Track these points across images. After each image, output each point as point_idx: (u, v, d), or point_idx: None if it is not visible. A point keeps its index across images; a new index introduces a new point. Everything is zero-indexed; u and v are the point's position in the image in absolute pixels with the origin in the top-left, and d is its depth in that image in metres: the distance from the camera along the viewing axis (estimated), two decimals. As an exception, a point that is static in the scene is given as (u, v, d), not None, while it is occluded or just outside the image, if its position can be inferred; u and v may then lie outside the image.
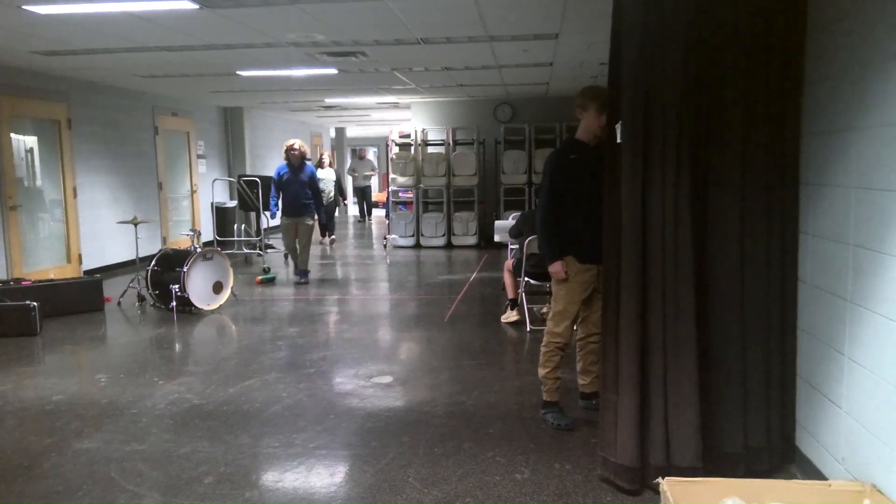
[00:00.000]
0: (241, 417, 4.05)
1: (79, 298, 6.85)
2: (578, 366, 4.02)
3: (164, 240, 10.65)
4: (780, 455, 3.26)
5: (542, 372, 3.87)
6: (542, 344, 3.86)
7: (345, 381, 4.75)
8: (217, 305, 6.93)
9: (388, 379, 4.72)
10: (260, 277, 8.64)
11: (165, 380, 4.76)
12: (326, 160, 12.67)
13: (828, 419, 2.93)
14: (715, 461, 3.10)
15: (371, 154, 28.19)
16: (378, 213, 17.99)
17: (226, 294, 7.04)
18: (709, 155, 2.91)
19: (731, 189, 2.94)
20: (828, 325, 2.91)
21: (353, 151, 17.03)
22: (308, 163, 8.50)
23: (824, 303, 2.93)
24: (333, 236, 13.14)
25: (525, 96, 12.09)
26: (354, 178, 17.02)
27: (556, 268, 3.68)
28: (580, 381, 4.05)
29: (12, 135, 7.84)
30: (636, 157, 2.83)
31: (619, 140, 2.90)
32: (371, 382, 4.66)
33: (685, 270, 2.92)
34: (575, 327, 3.89)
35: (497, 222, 8.00)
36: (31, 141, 8.35)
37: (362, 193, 17.24)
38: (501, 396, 4.37)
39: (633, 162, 2.84)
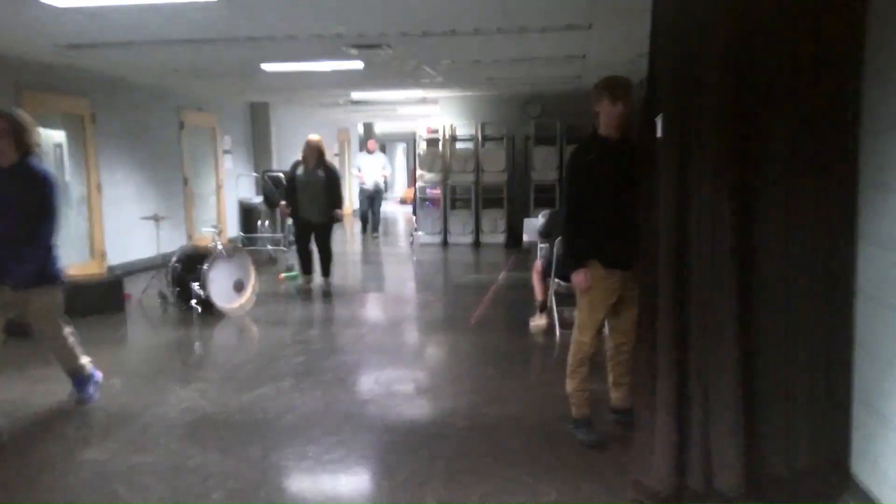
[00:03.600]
0: (254, 427, 3.88)
1: (99, 298, 6.75)
2: (609, 378, 3.75)
3: (189, 236, 10.58)
4: (832, 482, 2.97)
5: (570, 385, 3.62)
6: (570, 353, 3.62)
7: (363, 388, 4.56)
8: (238, 305, 6.78)
9: (408, 387, 4.51)
10: (283, 275, 8.50)
11: (179, 385, 4.61)
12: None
13: (889, 444, 2.65)
14: (756, 484, 2.84)
15: (401, 150, 27.71)
16: (405, 210, 17.67)
17: (247, 293, 6.90)
18: (753, 152, 2.63)
19: (778, 189, 2.65)
20: (889, 341, 2.62)
21: (368, 141, 13.85)
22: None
23: (884, 317, 2.64)
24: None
25: (556, 91, 11.76)
26: (361, 180, 13.11)
27: (578, 278, 3.44)
28: (612, 395, 3.78)
29: (40, 129, 7.79)
30: (674, 154, 2.57)
31: (659, 134, 2.64)
32: (390, 390, 4.46)
33: (728, 277, 2.65)
34: (605, 331, 3.64)
35: (527, 220, 7.73)
36: (59, 136, 8.32)
37: (370, 200, 13.09)
38: (526, 408, 4.13)
39: (671, 159, 2.57)
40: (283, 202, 7.86)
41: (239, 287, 6.83)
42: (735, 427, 2.74)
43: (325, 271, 7.86)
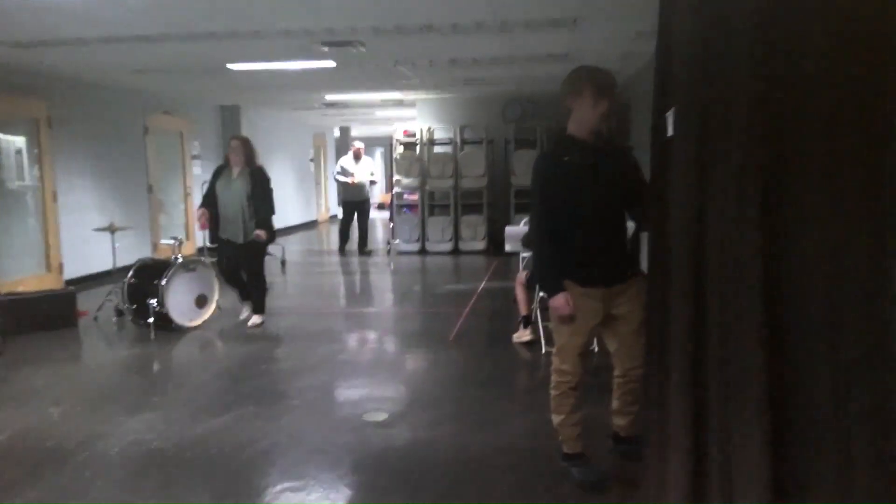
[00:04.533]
0: (207, 466, 3.42)
1: (48, 313, 6.24)
2: (615, 404, 3.29)
3: (154, 246, 10.05)
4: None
5: (556, 420, 3.19)
6: (551, 386, 3.18)
7: (333, 417, 4.11)
8: (200, 321, 6.31)
9: (382, 415, 4.07)
10: (252, 287, 8.00)
11: (127, 414, 4.13)
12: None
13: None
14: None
15: (378, 154, 27.29)
16: (382, 216, 17.18)
17: (210, 308, 6.43)
18: (785, 150, 2.25)
19: (814, 190, 2.26)
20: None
21: (355, 149, 11.57)
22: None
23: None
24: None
25: (537, 93, 11.42)
26: (346, 187, 11.31)
27: (557, 302, 2.96)
28: (615, 422, 3.33)
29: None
30: (691, 154, 2.18)
31: (670, 132, 2.25)
32: (363, 418, 4.02)
33: (752, 295, 2.26)
34: (600, 353, 3.24)
35: (508, 228, 7.30)
36: (20, 141, 7.79)
37: (356, 210, 11.31)
38: (514, 438, 3.72)
39: (687, 160, 2.18)
40: (201, 211, 6.30)
41: (202, 302, 6.35)
42: (765, 471, 2.34)
43: (257, 306, 6.41)
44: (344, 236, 11.54)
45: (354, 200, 11.33)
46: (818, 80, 2.14)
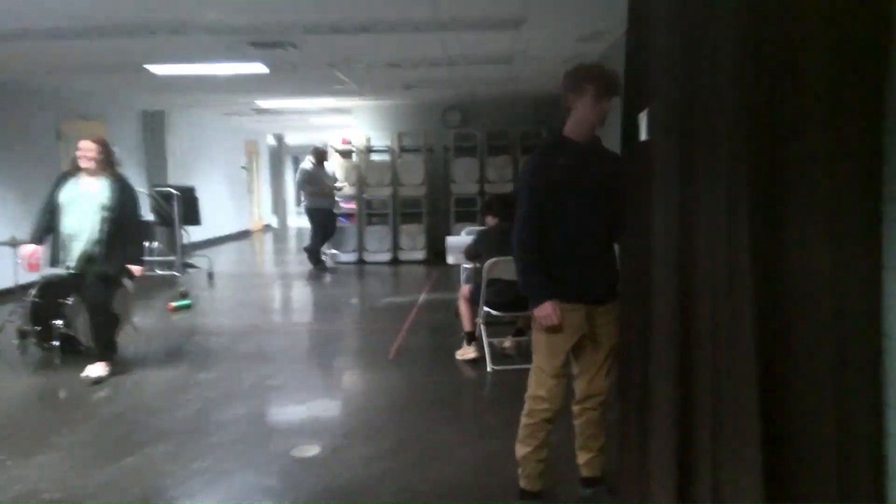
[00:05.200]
0: (108, 520, 2.95)
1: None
2: (577, 440, 2.99)
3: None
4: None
5: (520, 451, 2.87)
6: (524, 412, 2.87)
7: (257, 455, 3.66)
8: (115, 343, 5.73)
9: (314, 450, 3.66)
10: (174, 304, 7.43)
11: (19, 457, 3.59)
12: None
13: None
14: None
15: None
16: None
17: (125, 329, 5.86)
18: (775, 159, 1.98)
19: (809, 203, 2.01)
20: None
21: (317, 152, 10.26)
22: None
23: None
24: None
25: (477, 99, 11.17)
26: (317, 193, 10.10)
27: (545, 311, 2.69)
28: (578, 460, 3.01)
29: None
30: (673, 159, 1.89)
31: (643, 137, 1.95)
32: (291, 457, 3.59)
33: (743, 321, 1.98)
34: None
35: (449, 239, 6.98)
36: None
37: (325, 218, 10.17)
38: (462, 472, 3.38)
39: (669, 166, 1.89)
40: (29, 246, 4.93)
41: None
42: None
43: (102, 353, 5.01)
44: (317, 253, 10.28)
45: (325, 208, 10.19)
46: (812, 71, 1.88)
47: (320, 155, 10.29)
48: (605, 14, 5.53)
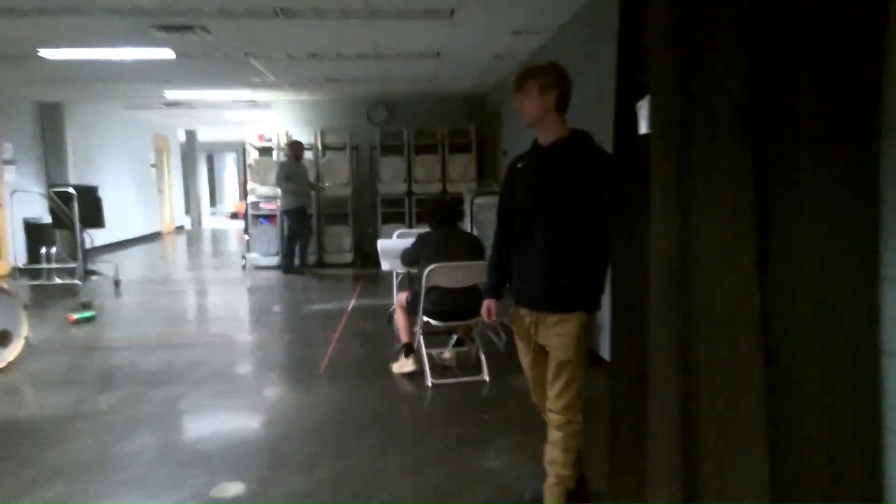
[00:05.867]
0: None
1: None
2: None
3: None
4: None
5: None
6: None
7: (170, 496, 3.17)
8: (4, 364, 5.06)
9: (236, 487, 3.19)
10: (75, 316, 6.70)
11: None
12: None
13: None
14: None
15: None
16: (237, 226, 15.79)
17: (17, 346, 5.18)
18: (775, 159, 1.71)
19: (808, 206, 1.75)
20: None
21: (294, 146, 9.57)
22: None
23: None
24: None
25: (404, 95, 10.78)
26: (296, 192, 9.33)
27: (483, 307, 2.90)
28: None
29: None
30: (673, 153, 1.58)
31: (642, 130, 1.64)
32: (210, 498, 3.13)
33: (751, 337, 1.71)
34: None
35: (381, 242, 6.57)
36: None
37: (300, 218, 9.48)
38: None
39: (667, 161, 1.58)
40: None
41: (4, 339, 5.10)
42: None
43: None
44: (292, 255, 9.60)
45: (303, 207, 9.52)
46: (812, 55, 1.62)
47: (297, 148, 9.59)
48: (541, 8, 5.28)
